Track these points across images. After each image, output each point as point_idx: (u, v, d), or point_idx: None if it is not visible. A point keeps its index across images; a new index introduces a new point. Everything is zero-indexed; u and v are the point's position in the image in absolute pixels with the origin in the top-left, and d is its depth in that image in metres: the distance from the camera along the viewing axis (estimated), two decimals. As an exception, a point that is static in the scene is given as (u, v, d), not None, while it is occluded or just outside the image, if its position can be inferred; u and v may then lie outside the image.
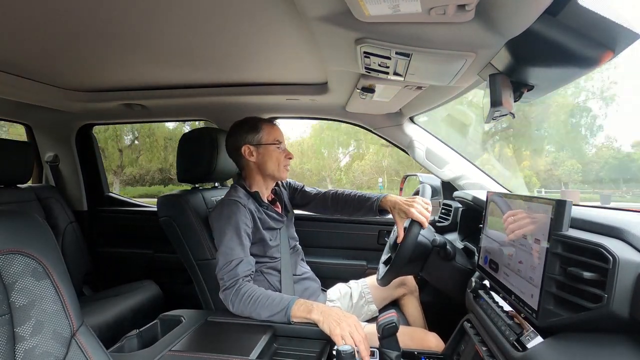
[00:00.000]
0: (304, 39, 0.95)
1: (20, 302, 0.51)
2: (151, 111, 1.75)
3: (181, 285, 1.87)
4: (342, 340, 0.86)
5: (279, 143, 1.21)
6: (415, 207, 1.04)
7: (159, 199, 1.30)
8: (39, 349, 0.51)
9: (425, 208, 1.05)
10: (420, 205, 1.05)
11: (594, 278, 0.52)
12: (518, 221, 0.75)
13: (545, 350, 0.57)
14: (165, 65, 1.22)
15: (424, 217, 1.02)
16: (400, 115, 1.60)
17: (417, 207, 1.04)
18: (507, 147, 10.57)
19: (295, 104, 1.62)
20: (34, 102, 1.60)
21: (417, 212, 1.03)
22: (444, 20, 0.65)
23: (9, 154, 1.59)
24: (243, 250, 1.06)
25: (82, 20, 0.86)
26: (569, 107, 10.41)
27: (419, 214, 1.02)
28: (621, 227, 0.58)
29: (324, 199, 1.35)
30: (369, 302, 1.33)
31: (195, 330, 0.95)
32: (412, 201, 1.07)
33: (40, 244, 0.56)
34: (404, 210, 1.07)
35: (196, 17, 0.84)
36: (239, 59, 1.14)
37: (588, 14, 0.55)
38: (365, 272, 1.68)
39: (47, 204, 1.76)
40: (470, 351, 0.82)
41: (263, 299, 0.97)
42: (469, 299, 0.93)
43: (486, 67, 0.85)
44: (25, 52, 1.07)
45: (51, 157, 2.01)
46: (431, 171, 1.59)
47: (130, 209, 2.11)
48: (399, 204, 1.10)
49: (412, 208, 1.04)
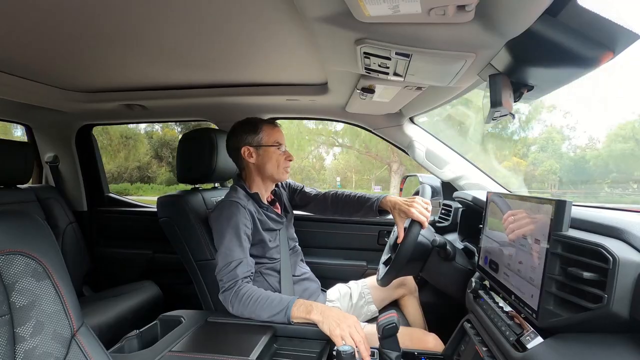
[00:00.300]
0: (303, 40, 0.95)
1: (20, 302, 0.51)
2: (151, 111, 1.75)
3: (181, 286, 1.87)
4: (341, 340, 0.86)
5: (279, 145, 1.20)
6: (416, 207, 1.04)
7: (159, 199, 1.30)
8: (39, 349, 0.51)
9: (425, 208, 1.05)
10: (420, 205, 1.05)
11: (594, 278, 0.52)
12: (518, 221, 0.75)
13: (545, 350, 0.57)
14: (165, 66, 1.22)
15: (424, 217, 1.02)
16: (400, 115, 1.60)
17: (417, 207, 1.04)
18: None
19: (295, 105, 1.62)
20: (34, 103, 1.60)
21: (417, 212, 1.03)
22: (443, 20, 0.65)
23: (9, 155, 1.59)
24: (242, 251, 1.06)
25: (82, 21, 0.86)
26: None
27: (419, 214, 1.02)
28: (621, 227, 0.58)
29: (324, 200, 1.35)
30: (368, 302, 1.33)
31: (195, 330, 0.95)
32: (412, 201, 1.07)
33: (40, 244, 0.56)
34: (404, 211, 1.07)
35: (196, 18, 0.85)
36: (239, 59, 1.14)
37: (588, 14, 0.55)
38: (365, 272, 1.68)
39: (47, 204, 1.76)
40: (470, 351, 0.82)
41: (263, 299, 0.97)
42: (469, 299, 0.93)
43: (486, 67, 0.85)
44: (25, 52, 1.07)
45: (51, 157, 2.01)
46: (431, 171, 1.59)
47: (130, 209, 2.11)
48: (398, 204, 1.10)
49: (412, 208, 1.04)
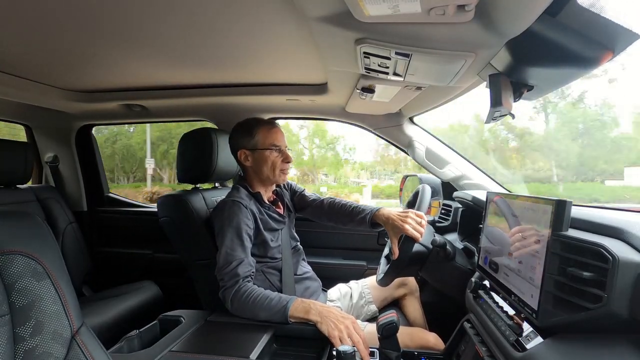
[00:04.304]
0: (304, 39, 0.95)
1: (20, 302, 0.51)
2: (151, 111, 1.75)
3: (181, 286, 1.87)
4: (339, 341, 0.86)
5: (275, 147, 1.19)
6: (409, 223, 1.02)
7: (159, 199, 1.30)
8: (39, 349, 0.51)
9: (419, 222, 1.03)
10: (414, 220, 1.03)
11: (593, 278, 0.52)
12: (526, 239, 0.71)
13: (545, 350, 0.57)
14: (165, 66, 1.22)
15: (417, 233, 1.00)
16: (400, 115, 1.61)
17: (411, 223, 1.02)
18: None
19: (295, 105, 1.62)
20: (34, 103, 1.60)
21: (411, 228, 1.00)
22: (443, 20, 0.65)
23: (9, 155, 1.59)
24: (244, 251, 1.06)
25: (82, 21, 0.86)
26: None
27: (413, 231, 1.00)
28: (621, 227, 0.58)
29: (321, 206, 1.34)
30: (369, 302, 1.33)
31: (195, 330, 0.95)
32: (405, 216, 1.04)
33: (40, 244, 0.56)
34: (397, 226, 1.04)
35: (196, 18, 0.84)
36: (238, 59, 1.14)
37: (587, 14, 0.55)
38: (365, 272, 1.69)
39: (46, 204, 1.76)
40: (470, 351, 0.82)
41: (262, 299, 0.97)
42: (468, 299, 0.93)
43: (486, 67, 0.85)
44: (25, 52, 1.07)
45: (51, 157, 2.01)
46: (431, 171, 1.59)
47: (130, 209, 2.11)
48: (392, 219, 1.08)
49: (406, 224, 1.02)
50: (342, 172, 14.11)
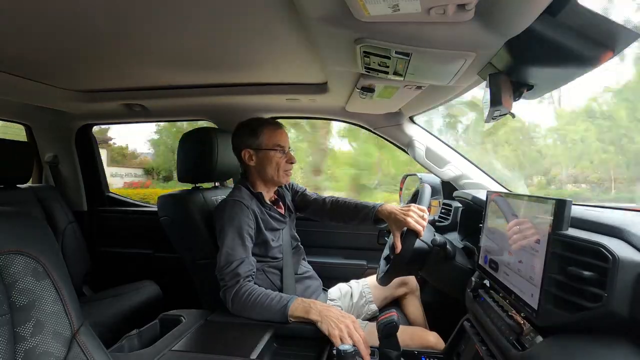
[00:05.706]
0: (303, 39, 0.95)
1: (20, 302, 0.51)
2: (151, 111, 1.75)
3: (181, 285, 1.87)
4: (340, 341, 0.86)
5: (279, 148, 1.19)
6: (412, 217, 1.03)
7: (159, 198, 1.30)
8: (39, 349, 0.51)
9: (421, 216, 1.04)
10: (417, 213, 1.04)
11: (593, 277, 0.52)
12: (523, 231, 0.72)
13: (545, 350, 0.57)
14: (165, 66, 1.21)
15: (420, 226, 1.01)
16: (400, 115, 1.60)
17: (413, 217, 1.03)
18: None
19: (295, 104, 1.62)
20: (34, 102, 1.60)
21: (413, 221, 1.02)
22: (443, 19, 0.65)
23: (9, 154, 1.59)
24: (245, 250, 1.06)
25: (82, 21, 0.86)
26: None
27: (415, 224, 1.01)
28: (621, 227, 0.58)
29: (323, 205, 1.34)
30: (369, 301, 1.33)
31: (195, 330, 0.95)
32: (407, 210, 1.06)
33: (40, 244, 0.56)
34: (400, 220, 1.05)
35: (196, 18, 0.84)
36: (238, 59, 1.14)
37: (588, 13, 0.55)
38: (365, 271, 1.69)
39: (46, 204, 1.76)
40: (470, 351, 0.82)
41: (262, 298, 0.97)
42: (468, 299, 0.93)
43: (486, 66, 0.85)
44: (25, 52, 1.07)
45: (51, 157, 2.01)
46: (431, 171, 1.59)
47: (130, 209, 2.11)
48: (394, 214, 1.09)
49: (409, 217, 1.03)
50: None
